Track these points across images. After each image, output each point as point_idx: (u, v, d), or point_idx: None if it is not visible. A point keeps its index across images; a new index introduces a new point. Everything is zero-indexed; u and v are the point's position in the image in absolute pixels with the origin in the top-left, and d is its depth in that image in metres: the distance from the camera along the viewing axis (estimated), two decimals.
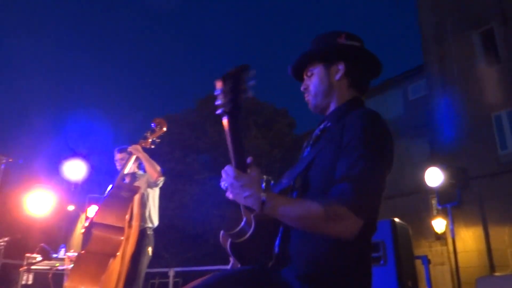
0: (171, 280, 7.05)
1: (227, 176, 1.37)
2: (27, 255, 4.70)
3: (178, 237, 14.13)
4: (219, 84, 1.35)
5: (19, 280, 4.48)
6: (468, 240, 12.95)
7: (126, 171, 3.88)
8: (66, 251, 4.94)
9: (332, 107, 1.57)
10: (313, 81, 1.59)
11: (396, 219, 4.38)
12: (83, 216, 7.03)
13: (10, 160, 4.36)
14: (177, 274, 7.49)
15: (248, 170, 1.38)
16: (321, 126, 1.56)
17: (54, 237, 6.85)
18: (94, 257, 3.08)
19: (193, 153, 16.04)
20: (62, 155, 7.10)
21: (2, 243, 4.24)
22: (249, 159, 1.40)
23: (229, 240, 1.41)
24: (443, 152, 14.26)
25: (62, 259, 4.78)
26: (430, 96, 16.45)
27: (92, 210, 6.49)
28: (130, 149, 3.90)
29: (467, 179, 6.46)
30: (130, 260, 3.54)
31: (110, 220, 3.25)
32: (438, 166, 6.84)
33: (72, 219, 7.21)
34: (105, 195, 3.62)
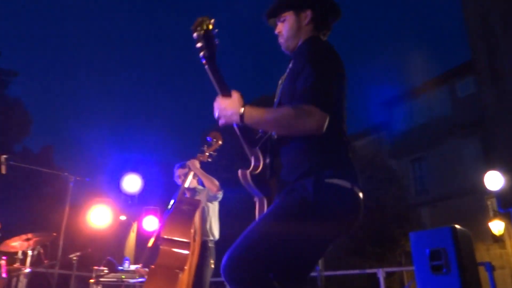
0: None
1: (216, 104, 1.72)
2: (95, 268, 4.94)
3: (229, 246, 14.28)
4: (194, 33, 1.64)
5: None
6: None
7: (186, 185, 4.01)
8: (130, 264, 5.16)
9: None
10: (286, 26, 1.88)
11: (457, 226, 4.28)
12: (134, 226, 7.29)
13: (78, 178, 4.64)
14: None
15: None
16: (290, 65, 1.86)
17: (115, 249, 7.15)
18: (164, 271, 3.23)
19: (239, 161, 16.18)
20: (120, 170, 7.41)
21: (74, 258, 4.50)
22: (233, 91, 1.72)
23: (248, 172, 1.73)
24: (497, 151, 13.69)
25: (127, 271, 4.99)
26: (480, 93, 15.86)
27: (147, 222, 6.75)
28: (188, 163, 4.04)
29: None
30: (194, 273, 3.66)
31: (177, 235, 3.39)
32: (494, 167, 6.59)
33: (124, 229, 7.48)
34: (169, 210, 3.77)
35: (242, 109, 1.64)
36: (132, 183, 7.21)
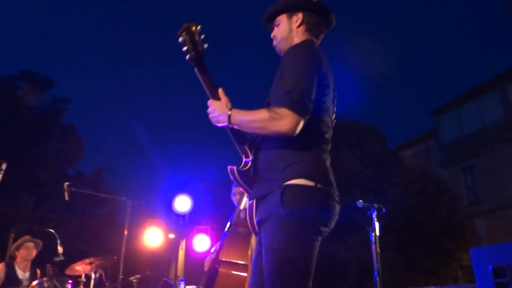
0: None
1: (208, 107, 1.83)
2: None
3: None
4: (180, 38, 1.74)
5: None
6: None
7: (241, 206, 4.06)
8: (185, 285, 5.25)
9: None
10: (280, 29, 1.99)
11: None
12: (183, 243, 7.41)
13: (135, 202, 4.83)
14: None
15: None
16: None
17: (166, 267, 7.31)
18: None
19: None
20: (172, 192, 7.60)
21: (134, 280, 4.66)
22: (219, 90, 1.83)
23: (236, 169, 1.86)
24: None
25: None
26: None
27: (198, 240, 6.86)
28: None
29: None
30: None
31: (234, 257, 3.43)
32: None
33: (173, 247, 7.61)
34: (226, 233, 3.82)
35: (229, 112, 1.77)
36: (183, 203, 7.37)
